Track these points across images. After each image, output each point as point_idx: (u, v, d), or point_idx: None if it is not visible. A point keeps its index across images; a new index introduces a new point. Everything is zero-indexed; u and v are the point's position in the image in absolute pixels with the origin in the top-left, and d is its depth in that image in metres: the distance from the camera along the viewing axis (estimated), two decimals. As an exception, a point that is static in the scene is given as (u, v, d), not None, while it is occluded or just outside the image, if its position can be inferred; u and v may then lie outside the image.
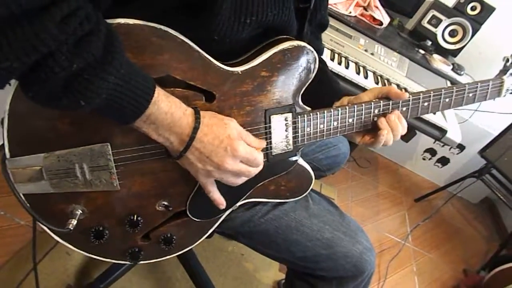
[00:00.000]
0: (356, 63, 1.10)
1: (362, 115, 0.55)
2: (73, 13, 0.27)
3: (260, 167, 0.44)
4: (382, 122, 0.54)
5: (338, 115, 0.53)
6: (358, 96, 0.57)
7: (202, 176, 0.42)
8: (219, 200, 0.46)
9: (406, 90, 1.12)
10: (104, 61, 0.30)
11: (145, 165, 0.44)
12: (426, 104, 0.57)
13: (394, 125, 0.54)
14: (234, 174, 0.42)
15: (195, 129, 0.38)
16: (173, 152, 0.40)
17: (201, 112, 0.40)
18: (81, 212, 0.43)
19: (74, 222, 0.43)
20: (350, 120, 0.54)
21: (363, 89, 1.03)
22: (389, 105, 0.55)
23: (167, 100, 0.37)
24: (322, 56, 0.70)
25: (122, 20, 0.35)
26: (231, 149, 0.40)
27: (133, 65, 0.34)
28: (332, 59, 1.05)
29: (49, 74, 0.27)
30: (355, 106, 0.54)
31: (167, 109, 0.37)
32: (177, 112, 0.37)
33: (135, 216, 0.47)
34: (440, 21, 1.36)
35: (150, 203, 0.47)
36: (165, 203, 0.48)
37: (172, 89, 0.40)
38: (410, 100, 0.56)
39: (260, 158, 0.43)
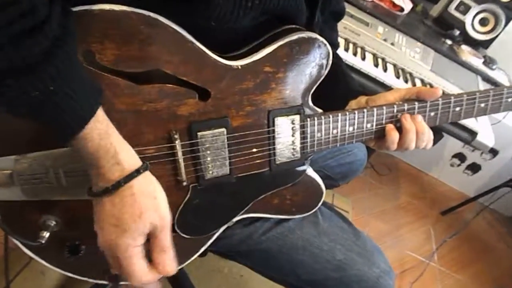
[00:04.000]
0: (373, 55, 1.09)
1: (382, 119, 0.55)
2: (15, 1, 0.25)
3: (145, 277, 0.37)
4: (406, 121, 0.53)
5: (354, 119, 0.53)
6: (380, 96, 0.56)
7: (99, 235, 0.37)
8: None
9: (430, 85, 1.11)
10: (34, 70, 0.27)
11: None
12: (458, 109, 0.57)
13: (421, 128, 0.53)
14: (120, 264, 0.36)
15: (131, 176, 0.35)
16: (98, 186, 0.35)
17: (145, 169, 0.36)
18: (54, 223, 0.43)
19: (47, 234, 0.42)
20: (369, 125, 0.54)
21: (382, 84, 1.02)
22: (414, 109, 0.55)
23: (108, 125, 0.34)
24: (337, 51, 0.70)
25: (106, 6, 0.35)
26: (152, 225, 0.36)
27: (71, 85, 0.30)
28: (347, 50, 1.05)
29: None
30: (375, 109, 0.53)
31: (93, 150, 0.33)
32: (120, 146, 0.35)
33: None
34: (469, 7, 1.35)
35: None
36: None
37: (161, 84, 0.41)
38: (440, 104, 0.55)
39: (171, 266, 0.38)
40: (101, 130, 0.34)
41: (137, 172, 0.36)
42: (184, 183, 0.46)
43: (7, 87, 0.27)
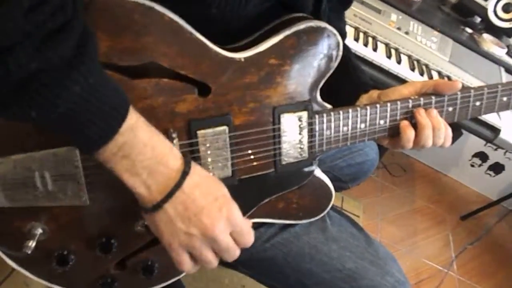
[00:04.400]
0: (386, 45, 1.10)
1: (396, 115, 0.55)
2: (45, 0, 0.27)
3: (238, 252, 0.42)
4: (421, 116, 0.54)
5: (366, 115, 0.54)
6: (393, 90, 0.57)
7: (176, 241, 0.39)
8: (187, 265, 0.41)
9: (449, 78, 1.12)
10: (72, 65, 0.29)
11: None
12: (478, 104, 0.57)
13: (437, 123, 0.54)
14: (217, 247, 0.40)
15: (185, 173, 0.37)
16: (147, 202, 0.38)
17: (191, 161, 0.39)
18: (41, 231, 0.44)
19: (32, 244, 0.43)
20: (382, 122, 0.55)
21: (395, 77, 1.03)
22: (431, 103, 0.56)
23: (148, 129, 0.36)
24: (345, 41, 0.71)
25: (97, -6, 0.35)
26: (227, 211, 0.39)
27: (105, 75, 0.34)
28: (357, 40, 1.05)
29: (1, 72, 0.27)
30: (388, 104, 0.54)
31: (147, 140, 0.36)
32: (161, 146, 0.37)
33: (108, 238, 0.47)
34: (491, -8, 1.36)
35: (127, 223, 0.47)
36: (145, 222, 0.47)
37: (157, 79, 0.41)
38: (458, 98, 0.56)
39: (251, 237, 0.42)
40: (140, 117, 0.36)
41: (186, 157, 0.38)
42: None
43: (45, 88, 0.28)
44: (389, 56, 1.06)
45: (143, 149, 0.35)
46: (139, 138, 0.35)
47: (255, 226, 0.59)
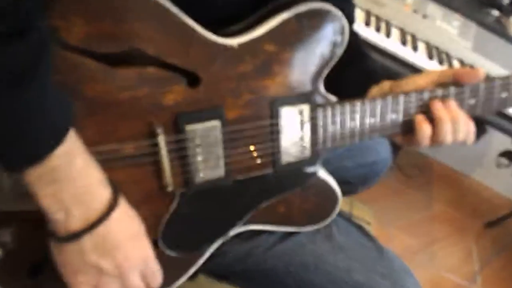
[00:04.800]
0: (401, 30, 1.10)
1: (411, 109, 0.55)
2: None
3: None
4: (438, 108, 0.53)
5: (376, 108, 0.54)
6: (408, 80, 0.57)
7: (81, 276, 0.40)
8: None
9: (471, 67, 1.10)
10: (21, 77, 0.30)
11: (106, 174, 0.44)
12: (504, 95, 0.57)
13: (456, 116, 0.53)
14: (125, 286, 0.42)
15: (112, 206, 0.39)
16: (60, 230, 0.38)
17: (120, 206, 0.41)
18: (10, 239, 0.44)
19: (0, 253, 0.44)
20: (394, 116, 0.54)
21: (411, 67, 1.02)
22: (449, 95, 0.55)
23: (85, 156, 0.37)
24: (354, 26, 0.70)
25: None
26: (142, 250, 0.43)
27: (49, 86, 0.34)
28: (367, 24, 1.05)
29: None
30: (401, 96, 0.54)
31: (82, 167, 0.37)
32: (95, 175, 0.38)
33: None
34: (520, -31, 1.35)
35: None
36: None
37: (141, 68, 0.41)
38: (481, 89, 0.55)
39: (160, 279, 0.46)
40: (79, 141, 0.37)
41: (115, 191, 0.40)
42: (170, 189, 0.47)
43: None
44: (404, 43, 1.05)
45: (76, 176, 0.36)
46: (74, 165, 0.36)
47: (254, 234, 0.60)
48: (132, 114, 0.43)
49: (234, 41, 0.45)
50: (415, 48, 1.06)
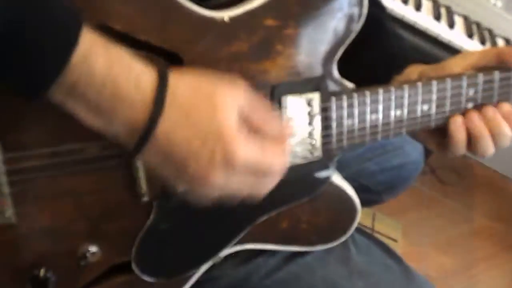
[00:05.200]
0: (434, 2, 1.08)
1: (445, 98, 0.54)
2: None
3: (279, 177, 0.44)
4: (473, 123, 0.53)
5: (403, 97, 0.52)
6: (443, 65, 0.56)
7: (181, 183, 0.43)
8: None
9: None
10: None
11: (61, 182, 0.43)
12: None
13: (497, 126, 0.53)
14: (230, 189, 0.42)
15: (155, 116, 0.37)
16: (126, 147, 0.40)
17: (174, 76, 0.39)
18: None
19: None
20: (425, 107, 0.53)
21: (446, 47, 1.01)
22: (493, 81, 0.54)
23: (107, 53, 0.36)
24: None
25: None
26: (222, 154, 0.39)
27: None
28: (394, -6, 1.06)
29: None
30: (434, 82, 0.53)
31: (105, 74, 0.35)
32: (126, 75, 0.37)
33: (43, 271, 0.46)
34: None
35: (68, 249, 0.47)
36: (94, 249, 0.47)
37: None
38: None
39: (279, 162, 0.43)
40: (97, 39, 0.36)
41: (163, 76, 0.38)
42: (145, 199, 0.46)
43: None
44: (437, 18, 1.03)
45: (99, 88, 0.35)
46: (95, 71, 0.35)
47: (251, 255, 0.60)
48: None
49: (224, 14, 0.43)
50: (451, 24, 1.04)
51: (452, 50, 1.00)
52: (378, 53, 0.61)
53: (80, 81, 0.34)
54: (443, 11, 1.06)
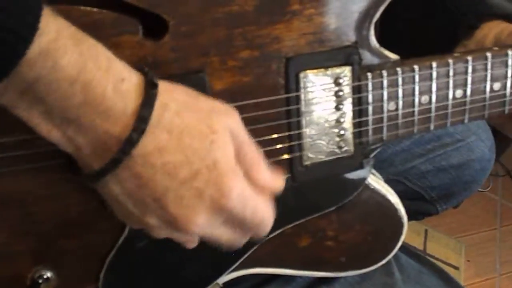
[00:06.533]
0: None
1: None
2: None
3: (261, 236, 0.46)
4: None
5: (466, 73, 0.53)
6: None
7: (130, 222, 0.45)
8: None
9: None
10: None
11: (4, 185, 0.44)
12: None
13: None
14: (207, 239, 0.44)
15: (138, 132, 0.38)
16: (81, 165, 0.41)
17: (164, 85, 0.40)
18: None
19: None
20: (496, 85, 0.54)
21: None
22: None
23: (78, 46, 0.36)
24: None
25: None
26: (214, 195, 0.41)
27: None
28: None
29: None
30: (510, 52, 0.53)
31: (75, 73, 0.36)
32: (100, 80, 0.37)
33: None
34: None
35: (14, 274, 0.48)
36: (48, 274, 0.48)
37: (71, 7, 0.41)
38: None
39: (267, 222, 0.45)
40: (65, 29, 0.36)
41: (151, 85, 0.39)
42: None
43: None
44: None
45: (67, 89, 0.36)
46: (61, 72, 0.35)
47: (258, 284, 0.60)
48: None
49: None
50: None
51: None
52: (438, 10, 0.61)
53: (40, 80, 0.35)
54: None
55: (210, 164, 0.40)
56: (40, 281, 0.48)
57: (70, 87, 0.36)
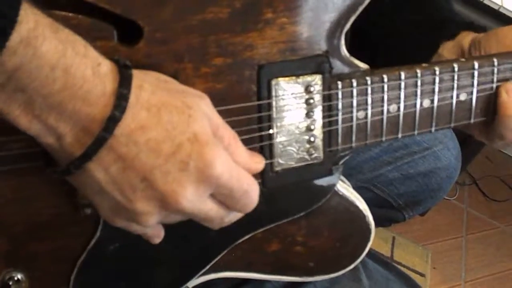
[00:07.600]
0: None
1: (492, 81, 0.55)
2: None
3: (249, 209, 0.46)
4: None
5: (433, 83, 0.53)
6: (496, 33, 0.58)
7: (118, 219, 0.44)
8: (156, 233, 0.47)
9: None
10: None
11: None
12: None
13: None
14: (193, 217, 0.44)
15: (120, 109, 0.39)
16: (61, 158, 0.41)
17: (136, 72, 0.40)
18: None
19: None
20: (463, 96, 0.55)
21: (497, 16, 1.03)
22: None
23: (56, 37, 0.37)
24: None
25: None
26: (199, 164, 0.41)
27: None
28: None
29: None
30: (476, 63, 0.54)
31: (56, 58, 0.37)
32: (80, 65, 0.38)
33: None
34: None
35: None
36: (19, 276, 0.48)
37: (46, 13, 0.39)
38: None
39: (254, 191, 0.45)
40: (43, 19, 0.36)
41: (124, 70, 0.40)
42: (88, 211, 0.47)
43: None
44: None
45: (49, 75, 0.36)
46: (41, 58, 0.36)
47: (231, 286, 0.60)
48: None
49: (197, -31, 0.44)
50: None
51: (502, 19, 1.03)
52: (410, 20, 0.62)
53: (22, 68, 0.35)
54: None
55: (191, 137, 0.41)
56: (11, 282, 0.48)
57: (51, 73, 0.36)
